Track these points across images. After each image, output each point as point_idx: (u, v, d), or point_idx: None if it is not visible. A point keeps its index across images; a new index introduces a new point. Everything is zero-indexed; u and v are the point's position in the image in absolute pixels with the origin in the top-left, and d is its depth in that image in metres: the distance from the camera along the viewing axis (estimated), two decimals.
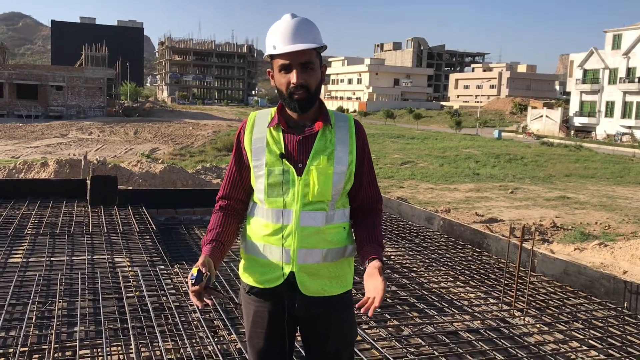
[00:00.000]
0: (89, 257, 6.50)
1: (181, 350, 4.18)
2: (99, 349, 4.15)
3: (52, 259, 6.39)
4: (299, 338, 2.48)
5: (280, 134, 2.24)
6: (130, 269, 6.08)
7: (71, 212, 8.69)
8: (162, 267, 6.20)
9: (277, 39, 2.16)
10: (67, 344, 4.22)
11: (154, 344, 4.23)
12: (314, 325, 2.31)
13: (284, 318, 2.26)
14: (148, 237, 7.46)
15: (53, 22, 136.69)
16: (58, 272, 5.81)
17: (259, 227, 2.26)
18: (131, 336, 4.30)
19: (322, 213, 2.21)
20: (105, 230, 7.69)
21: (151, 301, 5.06)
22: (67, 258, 6.42)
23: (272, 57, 2.20)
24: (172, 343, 4.30)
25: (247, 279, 2.32)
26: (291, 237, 2.19)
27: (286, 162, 2.19)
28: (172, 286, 5.56)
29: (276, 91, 2.25)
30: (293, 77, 2.14)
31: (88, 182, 9.40)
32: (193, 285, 2.07)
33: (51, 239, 7.16)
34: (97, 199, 9.08)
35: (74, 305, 4.94)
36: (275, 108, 2.29)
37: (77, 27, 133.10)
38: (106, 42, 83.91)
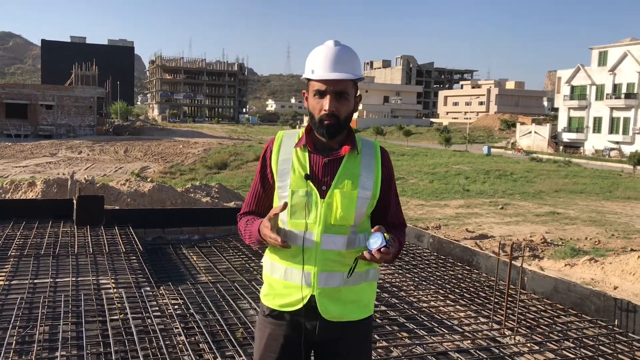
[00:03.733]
0: (74, 278, 6.38)
1: None
2: None
3: (35, 281, 6.27)
4: None
5: (307, 154, 2.26)
6: (115, 290, 5.97)
7: (57, 232, 8.57)
8: (148, 288, 6.09)
9: (316, 64, 2.20)
10: None
11: None
12: (331, 350, 2.29)
13: (299, 343, 2.23)
14: (134, 257, 7.35)
15: (43, 41, 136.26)
16: (41, 295, 5.69)
17: (280, 249, 2.23)
18: None
19: (343, 237, 2.21)
20: (91, 251, 7.57)
21: (135, 324, 4.95)
22: (51, 280, 6.30)
23: (308, 80, 2.24)
24: None
25: (267, 302, 2.31)
26: (312, 260, 2.19)
27: (310, 183, 2.19)
28: (157, 308, 5.46)
29: (308, 113, 2.29)
30: (326, 104, 2.17)
31: (74, 202, 9.29)
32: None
33: (35, 261, 7.03)
34: (83, 219, 8.96)
35: (56, 329, 4.82)
36: (303, 129, 2.32)
37: (67, 46, 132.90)
38: (97, 61, 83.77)
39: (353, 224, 2.21)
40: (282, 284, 2.24)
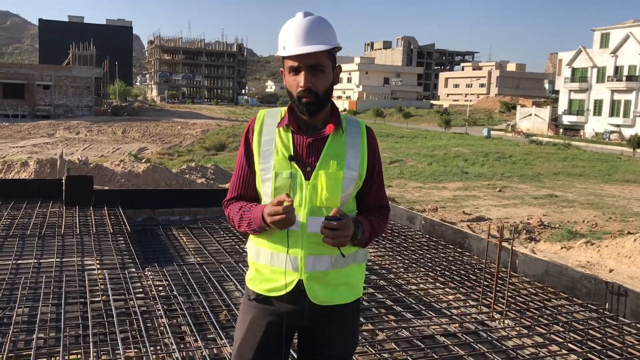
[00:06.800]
0: (58, 259, 6.29)
1: (144, 358, 3.99)
2: (57, 357, 3.96)
3: (19, 262, 6.17)
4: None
5: (290, 134, 2.15)
6: (99, 272, 5.88)
7: (45, 213, 8.46)
8: (133, 269, 6.00)
9: (287, 40, 2.08)
10: (23, 352, 4.03)
11: (116, 352, 4.04)
12: (318, 333, 2.21)
13: (282, 327, 2.14)
14: (122, 238, 7.25)
15: (41, 20, 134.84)
16: (22, 276, 5.60)
17: (265, 233, 2.15)
18: (91, 343, 4.11)
19: None
20: (78, 231, 7.47)
21: (117, 306, 4.86)
22: (35, 261, 6.20)
23: (283, 58, 2.11)
24: (135, 350, 4.12)
25: (254, 286, 2.22)
26: (299, 243, 2.10)
27: (294, 165, 2.10)
28: (140, 290, 5.37)
29: (287, 92, 2.16)
30: (301, 80, 2.06)
31: (63, 182, 9.17)
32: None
33: (20, 241, 6.93)
34: (72, 199, 8.85)
35: (36, 310, 4.73)
36: (285, 108, 2.20)
37: (65, 25, 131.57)
38: (94, 41, 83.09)
39: (339, 205, 2.10)
40: (269, 269, 2.16)
